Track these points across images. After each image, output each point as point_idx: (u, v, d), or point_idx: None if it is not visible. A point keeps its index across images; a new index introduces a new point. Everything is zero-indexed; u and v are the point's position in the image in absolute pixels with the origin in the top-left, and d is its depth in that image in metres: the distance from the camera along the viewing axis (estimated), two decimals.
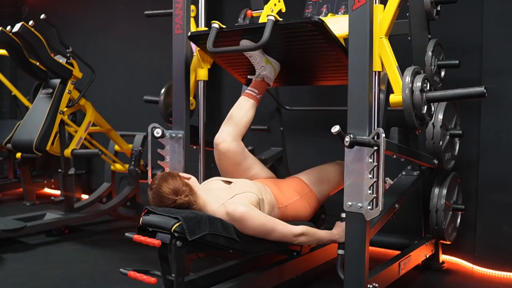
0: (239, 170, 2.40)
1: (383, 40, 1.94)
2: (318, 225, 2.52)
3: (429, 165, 2.55)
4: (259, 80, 2.44)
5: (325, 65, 2.42)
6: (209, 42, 2.19)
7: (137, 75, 4.73)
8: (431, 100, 2.00)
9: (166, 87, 2.77)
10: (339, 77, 2.53)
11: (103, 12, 5.03)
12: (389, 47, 1.95)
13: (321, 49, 2.25)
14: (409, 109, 1.94)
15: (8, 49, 3.47)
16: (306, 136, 3.56)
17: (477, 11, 2.82)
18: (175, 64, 2.54)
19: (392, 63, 1.94)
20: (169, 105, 2.67)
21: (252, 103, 2.42)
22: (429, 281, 2.69)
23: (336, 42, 2.17)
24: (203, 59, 2.56)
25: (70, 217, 3.66)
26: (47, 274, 2.74)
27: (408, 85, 1.94)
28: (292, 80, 2.73)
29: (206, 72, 2.59)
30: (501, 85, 2.71)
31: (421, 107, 1.95)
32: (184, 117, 2.50)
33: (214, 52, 2.20)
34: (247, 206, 2.07)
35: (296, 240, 2.18)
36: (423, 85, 1.97)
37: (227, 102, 4.04)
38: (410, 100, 1.94)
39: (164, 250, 1.94)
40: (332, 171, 2.54)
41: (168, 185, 2.04)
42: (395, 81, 1.97)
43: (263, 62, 2.40)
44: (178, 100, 2.53)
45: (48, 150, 3.49)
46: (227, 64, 2.63)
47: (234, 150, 2.34)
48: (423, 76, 1.98)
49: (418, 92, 1.94)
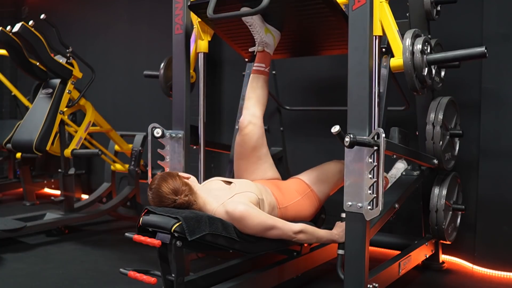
0: (253, 157, 2.43)
1: (383, 4, 1.94)
2: (318, 225, 2.52)
3: (429, 165, 2.55)
4: (261, 51, 2.46)
5: (326, 32, 2.42)
6: (209, 8, 2.16)
7: (137, 75, 4.72)
8: (432, 62, 2.01)
9: (165, 61, 2.81)
10: (339, 46, 2.53)
11: (103, 12, 5.03)
12: (390, 12, 1.96)
13: (321, 15, 2.25)
14: (410, 71, 1.95)
15: (8, 49, 3.47)
16: (306, 136, 3.57)
17: (477, 11, 2.82)
18: (175, 64, 2.54)
19: (392, 27, 1.96)
20: (169, 78, 2.72)
21: (263, 78, 2.47)
22: (429, 281, 2.69)
23: (336, 7, 2.17)
24: (204, 30, 2.56)
25: (70, 217, 3.66)
26: (47, 274, 2.74)
27: (408, 48, 1.95)
28: (293, 50, 2.73)
29: (206, 44, 2.60)
30: (501, 85, 2.72)
31: (422, 69, 1.96)
32: (184, 117, 2.50)
33: (214, 18, 2.17)
34: (246, 205, 2.08)
35: (295, 238, 2.18)
36: (424, 47, 1.97)
37: (227, 102, 4.04)
38: (411, 62, 1.94)
39: (164, 250, 1.94)
40: (332, 170, 2.54)
41: (167, 185, 2.04)
42: (395, 45, 1.98)
43: (263, 31, 2.41)
44: (178, 100, 2.53)
45: (48, 150, 3.49)
46: (227, 36, 2.62)
47: (258, 130, 2.40)
48: (423, 39, 1.98)
49: (418, 54, 1.94)
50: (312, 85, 3.56)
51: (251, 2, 2.20)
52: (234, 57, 3.71)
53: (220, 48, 4.01)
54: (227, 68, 4.04)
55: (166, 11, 2.83)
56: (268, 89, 2.52)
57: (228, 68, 4.03)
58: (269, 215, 2.16)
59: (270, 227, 2.10)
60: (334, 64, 3.35)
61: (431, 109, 2.52)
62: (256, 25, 2.38)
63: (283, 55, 2.80)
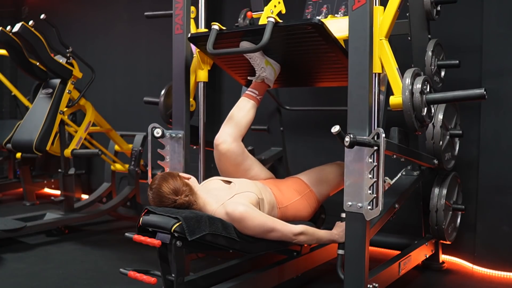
0: (239, 171, 2.40)
1: (383, 42, 1.94)
2: (318, 225, 2.52)
3: (429, 165, 2.55)
4: (259, 82, 2.44)
5: (325, 66, 2.42)
6: (209, 43, 2.19)
7: (137, 75, 4.73)
8: (431, 102, 2.00)
9: (166, 89, 2.76)
10: (339, 79, 2.53)
11: (103, 12, 5.03)
12: (389, 49, 1.95)
13: (321, 51, 2.25)
14: (409, 111, 1.94)
15: (8, 49, 3.47)
16: (306, 136, 3.56)
17: (477, 11, 2.82)
18: (175, 64, 2.54)
19: (392, 65, 1.94)
20: (169, 106, 2.67)
21: (253, 104, 2.42)
22: (429, 281, 2.69)
23: (336, 44, 2.17)
24: (203, 60, 2.56)
25: (70, 217, 3.66)
26: (47, 274, 2.74)
27: (408, 87, 1.94)
28: (292, 81, 2.73)
29: (206, 74, 2.59)
30: (501, 85, 2.72)
31: (421, 109, 1.95)
32: (184, 117, 2.51)
33: (214, 54, 2.20)
34: (246, 206, 2.07)
35: (295, 239, 2.18)
36: (423, 87, 1.97)
37: (227, 103, 4.04)
38: (410, 102, 1.94)
39: (164, 250, 1.94)
40: (332, 172, 2.54)
41: (168, 185, 2.04)
42: (395, 83, 1.97)
43: (263, 64, 2.40)
44: (178, 100, 2.53)
45: (48, 150, 3.49)
46: (227, 66, 2.63)
47: (234, 150, 2.34)
48: (423, 78, 1.97)
49: (418, 94, 1.93)
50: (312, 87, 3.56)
51: (252, 37, 2.21)
52: None
53: None
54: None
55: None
56: (253, 115, 2.43)
57: None
58: (269, 216, 2.16)
59: (270, 229, 2.10)
60: None
61: None
62: (256, 58, 2.38)
63: (282, 85, 2.80)
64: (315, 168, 2.58)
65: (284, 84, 2.76)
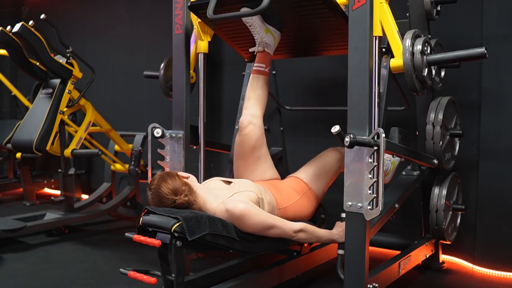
0: (252, 157, 2.43)
1: (383, 4, 1.94)
2: (318, 225, 2.52)
3: (429, 165, 2.55)
4: (261, 52, 2.46)
5: (326, 32, 2.42)
6: (209, 9, 2.16)
7: (137, 75, 4.73)
8: (432, 63, 2.01)
9: (165, 61, 2.80)
10: (340, 46, 2.53)
11: (103, 12, 5.03)
12: (390, 12, 1.95)
13: (321, 16, 2.25)
14: (410, 72, 1.95)
15: (8, 49, 3.47)
16: (306, 136, 3.56)
17: (477, 11, 2.82)
18: (175, 64, 2.54)
19: (392, 28, 1.95)
20: (169, 78, 2.71)
21: (264, 79, 2.47)
22: (429, 281, 2.69)
23: (336, 8, 2.17)
24: (204, 30, 2.56)
25: (70, 217, 3.66)
26: (47, 274, 2.74)
27: (408, 48, 1.95)
28: (294, 50, 2.73)
29: (206, 45, 2.60)
30: (501, 85, 2.72)
31: (422, 70, 1.96)
32: (184, 117, 2.51)
33: (214, 18, 2.17)
34: (246, 203, 2.08)
35: (295, 236, 2.18)
36: (424, 47, 1.97)
37: (227, 103, 4.04)
38: (411, 63, 1.94)
39: (164, 250, 1.94)
40: (328, 162, 2.52)
41: (167, 185, 2.03)
42: (395, 45, 1.98)
43: (263, 31, 2.40)
44: (178, 99, 2.53)
45: (48, 150, 3.49)
46: (227, 36, 2.62)
47: (258, 129, 2.41)
48: (423, 39, 1.98)
49: (418, 55, 1.94)
50: (312, 85, 3.56)
51: (251, 3, 2.19)
52: (234, 57, 3.71)
53: (220, 48, 4.01)
54: (227, 68, 4.04)
55: (166, 11, 2.84)
56: (268, 89, 2.52)
57: (228, 68, 4.03)
58: (269, 213, 2.16)
59: (270, 226, 2.10)
60: (334, 64, 3.35)
61: (431, 109, 2.52)
62: (256, 25, 2.38)
63: (283, 55, 2.80)
64: (310, 161, 2.56)
65: (286, 53, 2.76)
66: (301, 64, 3.50)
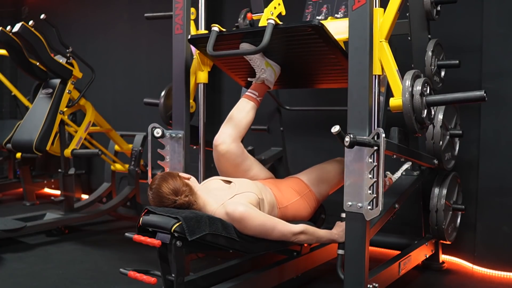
0: (239, 171, 2.40)
1: (383, 44, 1.94)
2: (318, 225, 2.52)
3: (429, 165, 2.55)
4: (259, 83, 2.44)
5: (325, 68, 2.42)
6: (209, 45, 2.19)
7: (137, 75, 4.73)
8: (431, 104, 2.00)
9: (166, 90, 2.76)
10: (339, 81, 2.53)
11: (103, 12, 5.03)
12: (389, 51, 1.95)
13: (321, 52, 2.25)
14: (409, 113, 1.94)
15: (8, 49, 3.46)
16: (306, 136, 3.56)
17: (477, 11, 2.82)
18: (175, 64, 2.54)
19: (392, 66, 1.94)
20: (169, 107, 2.67)
21: (252, 105, 2.41)
22: (429, 281, 2.69)
23: (336, 46, 2.17)
24: (203, 62, 2.56)
25: (70, 217, 3.66)
26: (47, 274, 2.74)
27: (408, 89, 1.94)
28: (292, 83, 2.72)
29: (206, 75, 2.59)
30: (501, 85, 2.71)
31: (421, 111, 1.95)
32: (184, 117, 2.51)
33: (214, 55, 2.20)
34: (246, 206, 2.07)
35: (296, 239, 2.18)
36: (423, 89, 1.97)
37: (227, 103, 4.04)
38: (410, 104, 1.94)
39: (164, 250, 1.94)
40: (332, 171, 2.54)
41: (168, 185, 2.04)
42: (395, 85, 1.97)
43: (263, 65, 2.39)
44: (178, 100, 2.53)
45: (48, 150, 3.49)
46: (227, 67, 2.63)
47: (233, 151, 2.34)
48: (423, 80, 1.97)
49: (418, 96, 1.93)
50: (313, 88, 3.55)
51: (252, 38, 2.21)
52: None
53: None
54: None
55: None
56: (253, 116, 2.42)
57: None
58: (269, 216, 2.16)
59: (270, 229, 2.10)
60: None
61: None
62: (256, 59, 2.38)
63: (282, 87, 2.79)
64: (314, 166, 2.58)
65: (284, 85, 2.76)
66: None
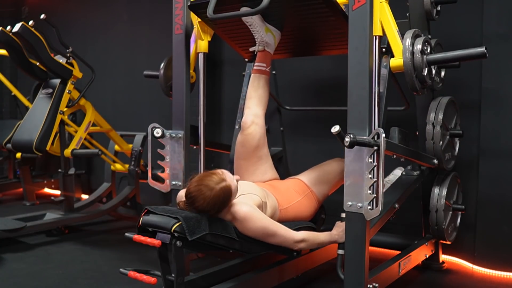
0: (254, 157, 2.43)
1: (383, 4, 1.94)
2: (318, 225, 2.52)
3: (429, 165, 2.55)
4: (262, 51, 2.46)
5: (326, 32, 2.42)
6: (209, 8, 2.16)
7: (137, 75, 4.72)
8: (432, 62, 2.01)
9: (165, 61, 2.80)
10: (340, 46, 2.53)
11: (103, 12, 5.03)
12: (390, 12, 1.96)
13: (321, 15, 2.25)
14: (410, 71, 1.95)
15: (8, 49, 3.47)
16: (306, 136, 3.56)
17: (477, 11, 2.82)
18: (175, 64, 2.54)
19: (392, 27, 1.95)
20: (169, 78, 2.71)
21: (265, 78, 2.47)
22: (429, 281, 2.69)
23: (336, 7, 2.17)
24: (204, 30, 2.56)
25: (70, 217, 3.66)
26: (47, 274, 2.74)
27: (408, 48, 1.95)
28: (294, 50, 2.73)
29: (206, 44, 2.60)
30: (501, 85, 2.72)
31: (422, 69, 1.96)
32: (184, 117, 2.50)
33: (214, 18, 2.17)
34: (251, 206, 2.07)
35: (296, 246, 2.18)
36: (424, 47, 1.97)
37: (227, 103, 4.04)
38: (411, 62, 1.94)
39: (164, 250, 1.94)
40: (332, 171, 2.54)
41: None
42: (395, 45, 1.98)
43: (263, 30, 2.40)
44: (178, 99, 2.53)
45: (48, 150, 3.49)
46: (227, 36, 2.62)
47: (260, 128, 2.41)
48: (423, 39, 1.99)
49: (418, 54, 1.94)
50: (312, 85, 3.56)
51: (251, 2, 2.19)
52: (234, 57, 3.71)
53: (220, 48, 4.01)
54: (227, 68, 4.04)
55: (166, 11, 2.84)
56: (269, 88, 2.52)
57: (228, 68, 4.03)
58: (272, 220, 2.15)
59: (272, 233, 2.10)
60: (334, 64, 3.35)
61: (431, 109, 2.52)
62: (256, 24, 2.38)
63: (284, 55, 2.80)
64: (314, 167, 2.58)
65: (286, 53, 2.76)
66: (301, 64, 3.50)
